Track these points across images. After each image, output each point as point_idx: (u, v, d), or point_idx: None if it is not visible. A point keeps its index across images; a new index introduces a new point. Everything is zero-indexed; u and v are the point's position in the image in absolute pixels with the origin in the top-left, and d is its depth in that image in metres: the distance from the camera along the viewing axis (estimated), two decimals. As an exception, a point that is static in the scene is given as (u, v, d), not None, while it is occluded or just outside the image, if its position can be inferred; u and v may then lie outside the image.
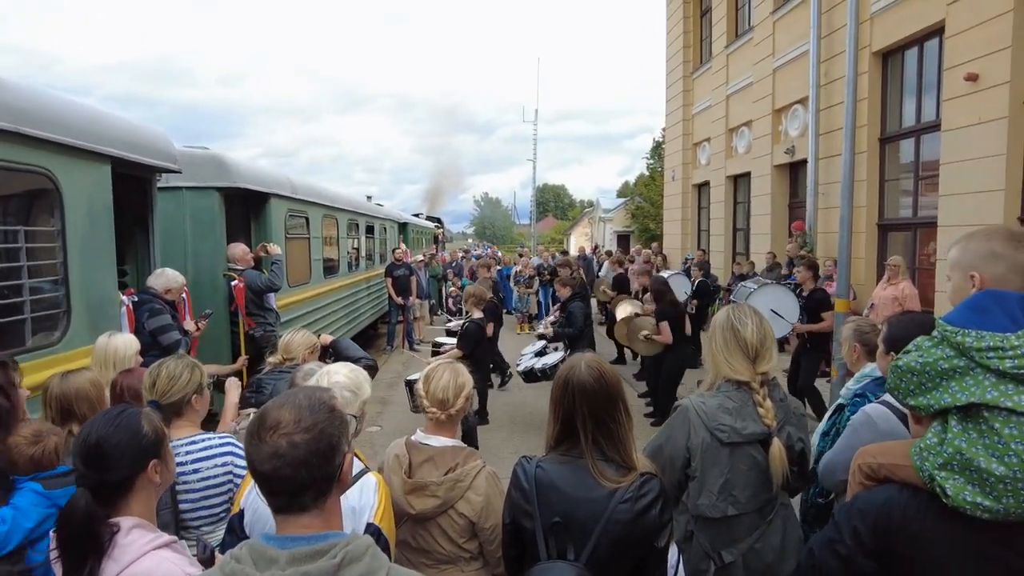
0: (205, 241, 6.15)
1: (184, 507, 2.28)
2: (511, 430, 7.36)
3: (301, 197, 8.04)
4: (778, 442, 2.20)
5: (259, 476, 1.20)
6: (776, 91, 12.23)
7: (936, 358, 1.53)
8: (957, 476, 1.46)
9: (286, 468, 1.17)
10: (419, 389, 2.28)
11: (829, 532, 1.68)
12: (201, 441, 2.37)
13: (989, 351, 1.45)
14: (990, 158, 7.03)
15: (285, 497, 1.20)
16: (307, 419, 1.22)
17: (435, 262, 16.83)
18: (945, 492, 1.48)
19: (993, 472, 1.41)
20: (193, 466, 2.30)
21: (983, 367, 1.46)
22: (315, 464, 1.20)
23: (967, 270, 1.64)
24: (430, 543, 2.18)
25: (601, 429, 1.84)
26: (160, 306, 4.49)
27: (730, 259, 14.82)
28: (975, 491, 1.43)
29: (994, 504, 1.42)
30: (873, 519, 1.59)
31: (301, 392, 1.31)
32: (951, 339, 1.51)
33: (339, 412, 1.30)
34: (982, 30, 7.12)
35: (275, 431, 1.20)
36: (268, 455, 1.18)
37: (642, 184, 31.93)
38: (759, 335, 2.27)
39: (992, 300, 1.52)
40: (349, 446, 1.31)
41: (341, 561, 1.15)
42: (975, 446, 1.45)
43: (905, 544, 1.55)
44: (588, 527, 1.76)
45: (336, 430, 1.25)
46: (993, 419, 1.44)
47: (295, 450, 1.18)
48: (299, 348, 3.39)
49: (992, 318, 1.48)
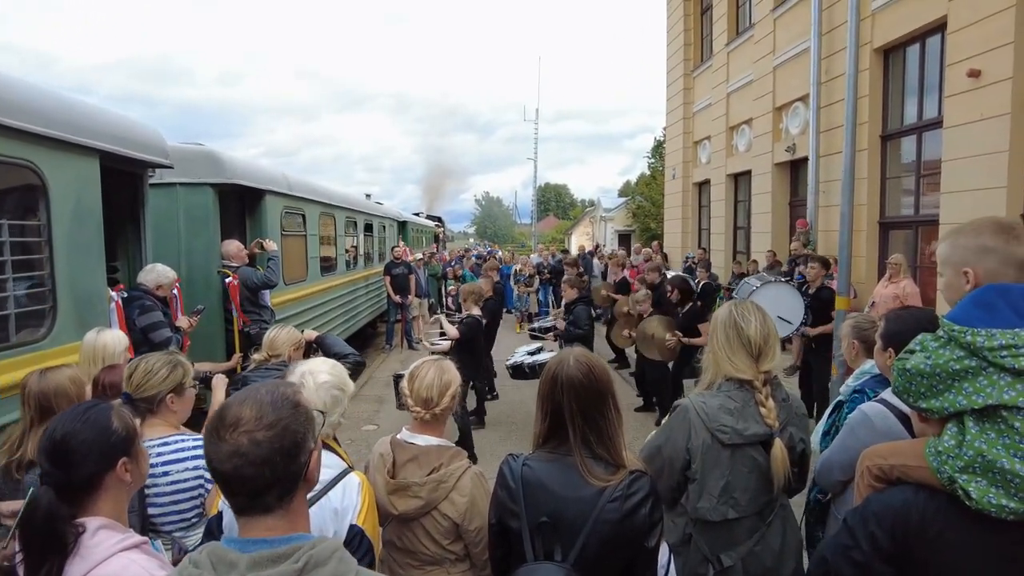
0: (199, 238, 6.10)
1: (153, 511, 2.20)
2: (508, 430, 7.30)
3: (297, 194, 7.99)
4: (780, 443, 2.13)
5: (219, 476, 1.14)
6: (777, 89, 12.16)
7: (946, 359, 1.47)
8: (980, 478, 1.42)
9: (248, 467, 1.11)
10: (403, 388, 2.22)
11: (842, 539, 1.61)
12: (174, 443, 2.29)
13: (1002, 350, 1.39)
14: (992, 155, 6.95)
15: (246, 498, 1.14)
16: (269, 415, 1.16)
17: (434, 261, 16.78)
18: (969, 495, 1.43)
19: (1018, 473, 1.37)
20: (163, 468, 2.22)
21: (997, 366, 1.40)
22: (278, 463, 1.13)
23: (959, 266, 1.60)
24: (415, 544, 2.13)
25: (590, 426, 1.78)
26: (151, 303, 4.43)
27: (730, 258, 14.75)
28: (999, 493, 1.39)
29: (1020, 505, 1.38)
30: (891, 523, 1.54)
31: (264, 387, 1.24)
32: (960, 339, 1.45)
33: (304, 407, 1.23)
34: (984, 26, 7.05)
35: (235, 428, 1.14)
36: (228, 454, 1.12)
37: (643, 183, 31.86)
38: (763, 332, 2.20)
39: (997, 295, 1.47)
40: (316, 443, 1.24)
41: (304, 565, 1.09)
42: (995, 447, 1.40)
43: (923, 548, 1.50)
44: (576, 527, 1.70)
45: (301, 426, 1.19)
46: (1012, 418, 1.39)
47: (257, 448, 1.12)
48: (284, 345, 3.34)
49: (999, 314, 1.44)
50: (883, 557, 1.53)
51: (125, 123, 4.51)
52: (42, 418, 2.44)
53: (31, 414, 2.45)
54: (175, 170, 5.53)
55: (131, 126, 4.57)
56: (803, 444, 2.25)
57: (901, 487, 1.61)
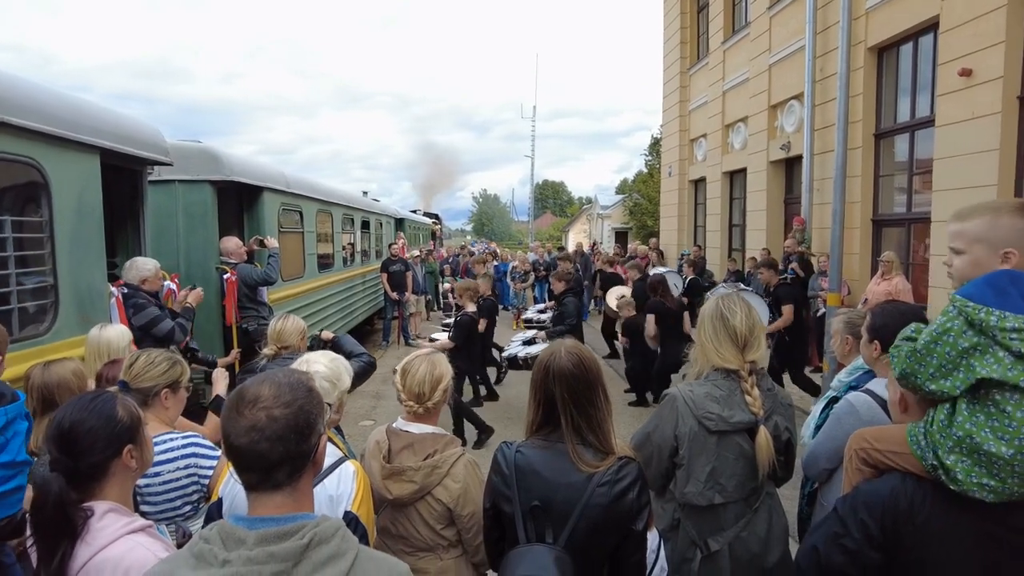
0: (197, 234, 6.15)
1: (146, 510, 2.20)
2: (505, 423, 7.36)
3: (295, 191, 8.04)
4: (765, 431, 2.20)
5: (234, 450, 1.20)
6: (772, 87, 12.22)
7: (956, 332, 1.49)
8: (965, 459, 1.48)
9: (264, 442, 1.18)
10: (396, 382, 2.28)
11: (832, 527, 1.65)
12: (162, 442, 2.28)
13: (1013, 332, 1.43)
14: (983, 153, 7.03)
15: (259, 473, 1.20)
16: (286, 395, 1.22)
17: (431, 258, 16.83)
18: (955, 477, 1.48)
19: (1002, 455, 1.42)
20: (154, 469, 2.20)
21: (1004, 347, 1.44)
22: (292, 440, 1.20)
23: (1001, 246, 1.58)
24: (408, 530, 2.19)
25: (580, 414, 1.85)
26: (143, 300, 4.41)
27: (726, 255, 14.82)
28: (982, 472, 1.45)
29: (999, 484, 1.44)
30: (881, 511, 1.59)
31: (280, 372, 1.32)
32: (973, 316, 1.47)
33: (317, 393, 1.30)
34: (975, 25, 7.12)
35: (255, 405, 1.20)
36: (246, 428, 1.18)
37: (640, 181, 31.92)
38: (748, 324, 2.28)
39: (1010, 281, 1.50)
40: (324, 428, 1.31)
41: (309, 542, 1.15)
42: (983, 429, 1.46)
43: (912, 535, 1.55)
44: (566, 511, 1.77)
45: (315, 409, 1.26)
46: (1005, 402, 1.44)
47: (274, 424, 1.19)
48: (293, 335, 3.37)
49: (1010, 299, 1.47)
50: (874, 545, 1.57)
51: (125, 121, 4.56)
52: (44, 410, 2.50)
53: (34, 405, 2.51)
54: (174, 167, 5.58)
55: (131, 124, 4.62)
56: (788, 433, 2.32)
57: (889, 476, 1.66)
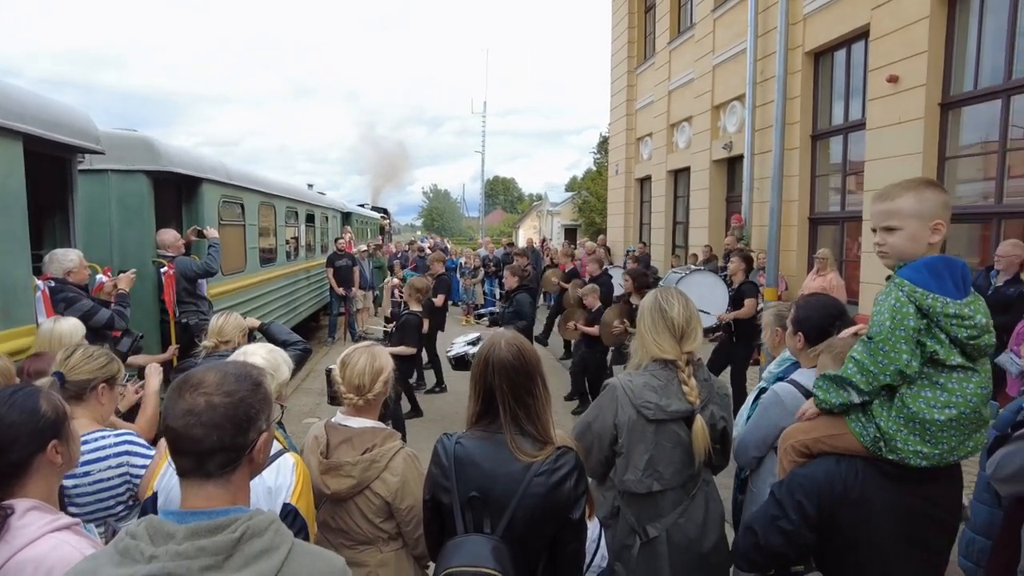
0: (132, 227, 5.91)
1: (73, 511, 2.10)
2: (452, 420, 7.36)
3: (236, 183, 7.81)
4: (701, 419, 2.27)
5: (170, 432, 1.18)
6: (716, 87, 12.56)
7: (912, 317, 1.61)
8: (903, 428, 1.61)
9: (198, 427, 1.16)
10: (335, 375, 2.25)
11: (770, 510, 1.72)
12: (93, 440, 2.19)
13: (953, 318, 1.58)
14: (908, 156, 7.42)
15: (191, 459, 1.18)
16: (230, 384, 1.21)
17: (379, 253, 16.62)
18: (895, 446, 1.61)
19: (935, 421, 1.57)
20: (84, 468, 2.12)
21: (944, 330, 1.59)
22: (228, 429, 1.18)
23: (930, 219, 1.69)
24: (348, 523, 2.17)
25: (519, 404, 1.87)
26: (73, 293, 4.20)
27: (670, 252, 15.17)
28: (916, 440, 1.59)
29: (932, 450, 1.58)
30: (817, 492, 1.68)
31: (232, 362, 1.31)
32: (922, 301, 1.61)
33: (265, 390, 1.29)
34: (902, 34, 7.50)
35: (196, 389, 1.19)
36: (183, 411, 1.17)
37: (589, 179, 32.32)
38: (685, 315, 2.35)
39: (945, 266, 1.64)
40: (268, 427, 1.29)
41: (241, 535, 1.13)
42: (918, 400, 1.60)
43: (845, 512, 1.66)
44: (504, 501, 1.79)
45: (258, 404, 1.24)
46: (937, 375, 1.60)
47: (211, 411, 1.17)
48: (233, 331, 3.30)
49: (944, 284, 1.61)
50: (809, 525, 1.67)
51: (52, 106, 4.33)
52: None
53: None
54: (108, 157, 5.34)
55: (58, 109, 4.39)
56: (724, 422, 2.40)
57: (822, 459, 1.75)
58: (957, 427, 1.58)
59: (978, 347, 1.60)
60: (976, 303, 1.63)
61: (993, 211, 6.74)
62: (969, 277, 1.67)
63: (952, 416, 1.57)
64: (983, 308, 1.64)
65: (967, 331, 1.57)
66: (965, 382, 1.59)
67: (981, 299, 1.66)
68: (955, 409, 1.57)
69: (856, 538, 1.66)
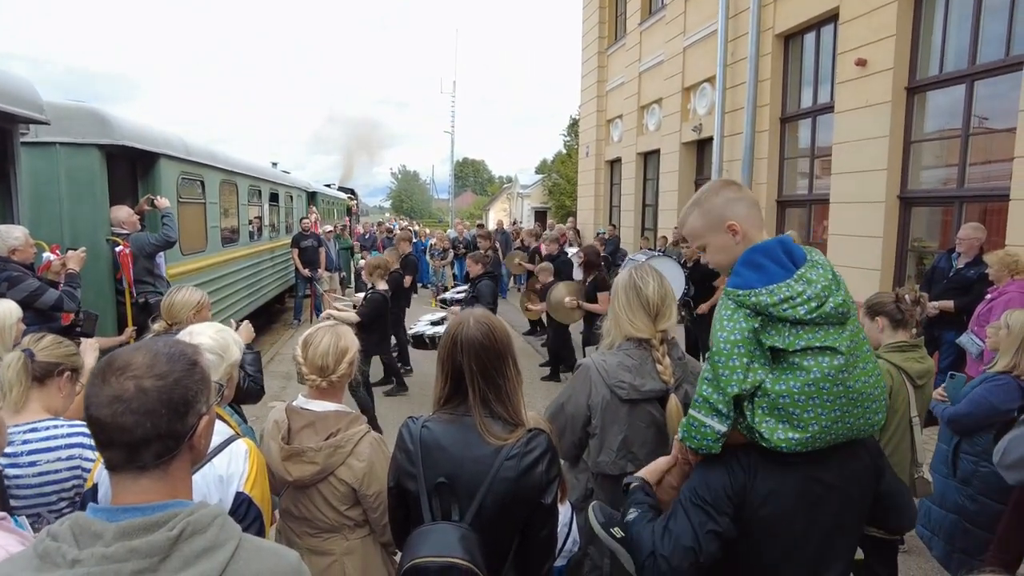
0: (83, 203, 5.63)
1: (15, 505, 1.98)
2: (420, 401, 7.28)
3: (196, 159, 7.53)
4: (675, 399, 2.22)
5: (95, 423, 1.04)
6: (686, 69, 12.53)
7: (744, 319, 1.54)
8: (769, 418, 1.53)
9: (128, 415, 1.02)
10: (297, 355, 2.14)
11: (698, 517, 1.57)
12: (44, 429, 2.07)
13: (783, 303, 1.50)
14: (875, 139, 7.49)
15: (121, 451, 1.05)
16: (162, 365, 1.07)
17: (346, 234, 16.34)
18: (763, 436, 1.53)
19: (791, 391, 1.49)
20: (29, 458, 2.00)
21: (780, 319, 1.51)
22: (163, 415, 1.05)
23: (722, 223, 1.66)
24: (312, 511, 2.08)
25: (489, 385, 1.78)
26: (17, 272, 3.97)
27: (639, 234, 15.21)
28: (786, 427, 1.51)
29: (801, 434, 1.50)
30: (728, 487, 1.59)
31: (162, 340, 1.16)
32: (746, 300, 1.54)
33: (202, 369, 1.15)
34: (870, 18, 7.53)
35: (123, 373, 1.04)
36: (109, 398, 1.03)
37: (559, 161, 32.19)
38: (660, 293, 2.30)
39: (760, 254, 1.58)
40: (208, 409, 1.16)
41: (180, 534, 1.01)
42: (777, 383, 1.51)
43: (752, 499, 1.58)
44: (473, 486, 1.71)
45: (195, 385, 1.11)
46: (790, 356, 1.52)
47: (142, 396, 1.03)
48: (183, 310, 3.13)
49: (767, 271, 1.54)
50: (733, 519, 1.58)
51: (-10, 72, 4.07)
52: None
53: None
54: (56, 129, 5.07)
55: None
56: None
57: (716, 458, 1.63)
58: (821, 404, 1.49)
59: (827, 315, 1.51)
60: (810, 271, 1.54)
61: (955, 195, 6.85)
62: (793, 248, 1.59)
63: (811, 393, 1.48)
64: (820, 273, 1.55)
65: (804, 307, 1.49)
66: (820, 356, 1.50)
67: (819, 264, 1.57)
68: (813, 386, 1.48)
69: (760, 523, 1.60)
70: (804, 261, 1.58)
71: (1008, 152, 6.08)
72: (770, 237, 1.66)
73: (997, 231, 6.11)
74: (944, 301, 5.52)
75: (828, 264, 1.61)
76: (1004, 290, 4.95)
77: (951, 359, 5.54)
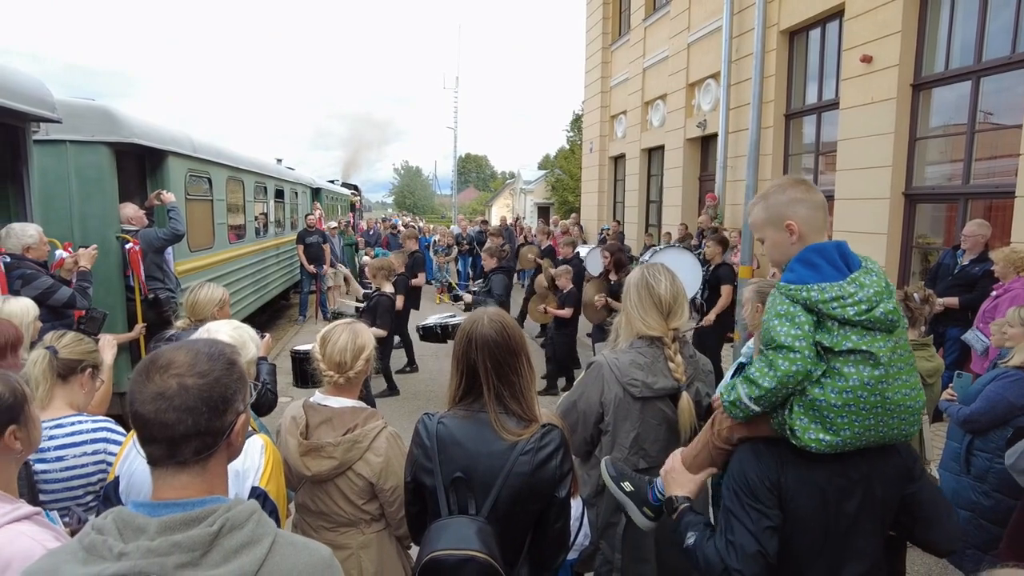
0: (93, 201, 5.65)
1: (44, 499, 2.03)
2: (427, 398, 7.32)
3: (203, 156, 7.55)
4: (687, 397, 2.26)
5: (138, 419, 1.08)
6: (691, 65, 12.52)
7: (805, 320, 1.57)
8: (803, 417, 1.57)
9: (171, 412, 1.06)
10: (315, 352, 2.17)
11: (751, 520, 1.59)
12: (69, 424, 2.12)
13: (833, 302, 1.54)
14: (880, 136, 7.49)
15: (163, 446, 1.09)
16: (203, 364, 1.11)
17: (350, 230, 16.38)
18: (794, 433, 1.57)
19: (831, 402, 1.52)
20: (56, 453, 2.05)
21: (829, 316, 1.55)
22: (203, 413, 1.09)
23: (780, 222, 1.71)
24: (329, 506, 2.12)
25: (503, 382, 1.82)
26: (32, 270, 4.01)
27: (643, 230, 15.22)
28: (818, 428, 1.55)
29: (833, 437, 1.54)
30: (764, 480, 1.62)
31: (202, 340, 1.20)
32: (797, 296, 1.58)
33: (240, 368, 1.19)
34: (876, 14, 7.52)
35: (166, 371, 1.09)
36: (153, 395, 1.07)
37: (562, 157, 32.17)
38: (672, 291, 2.33)
39: (815, 253, 1.62)
40: (245, 408, 1.20)
41: (220, 529, 1.05)
42: (816, 387, 1.55)
43: (782, 494, 1.62)
44: (489, 481, 1.75)
45: (234, 384, 1.15)
46: (833, 360, 1.55)
47: (184, 393, 1.07)
48: (207, 307, 3.17)
49: (822, 270, 1.59)
50: (777, 508, 1.62)
51: (2, 72, 4.10)
52: None
53: None
54: (65, 127, 5.09)
55: (10, 76, 4.16)
56: (709, 399, 2.38)
57: (743, 448, 1.70)
58: (856, 412, 1.52)
59: (875, 319, 1.54)
60: (864, 276, 1.58)
61: (960, 192, 6.85)
62: (849, 254, 1.64)
63: (848, 400, 1.52)
64: (874, 280, 1.58)
65: (853, 308, 1.53)
66: (861, 365, 1.53)
67: (873, 272, 1.61)
68: (851, 393, 1.51)
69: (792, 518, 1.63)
70: (859, 267, 1.62)
71: (1014, 149, 6.09)
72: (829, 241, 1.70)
73: (1002, 228, 6.12)
74: (948, 298, 5.54)
75: (882, 273, 1.64)
76: (1010, 287, 4.97)
77: (954, 356, 5.56)
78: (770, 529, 1.59)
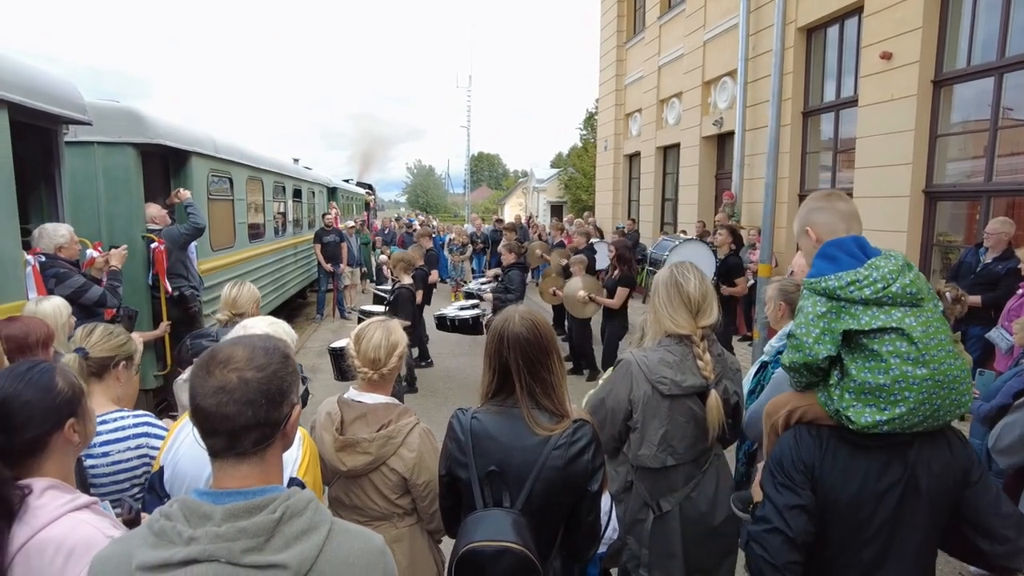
0: (120, 201, 5.77)
1: (93, 493, 2.06)
2: (445, 395, 7.38)
3: (224, 157, 7.66)
4: (715, 394, 2.29)
5: (199, 412, 1.13)
6: (706, 63, 12.47)
7: (812, 304, 1.69)
8: (856, 403, 1.62)
9: (231, 405, 1.11)
10: (349, 348, 2.22)
11: (779, 497, 1.66)
12: (112, 420, 2.16)
13: (850, 286, 1.62)
14: (900, 133, 7.44)
15: (225, 438, 1.14)
16: (260, 358, 1.17)
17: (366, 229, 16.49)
18: (850, 419, 1.62)
19: (881, 385, 1.58)
20: (102, 448, 2.09)
21: (849, 301, 1.63)
22: (262, 405, 1.14)
23: (803, 228, 1.88)
24: (363, 500, 2.17)
25: (535, 379, 1.86)
26: (64, 269, 4.11)
27: (658, 229, 15.17)
28: (872, 411, 1.60)
29: (889, 415, 1.58)
30: (794, 460, 1.69)
31: (257, 335, 1.26)
32: (817, 287, 1.67)
33: (293, 362, 1.24)
34: (896, 11, 7.46)
35: (226, 365, 1.14)
36: (214, 389, 1.12)
37: (575, 155, 32.13)
38: (701, 290, 2.36)
39: (834, 247, 1.73)
40: (298, 400, 1.25)
41: (281, 516, 1.10)
42: (863, 371, 1.61)
43: (823, 479, 1.66)
44: (523, 474, 1.79)
45: (289, 377, 1.20)
46: (870, 343, 1.61)
47: (244, 387, 1.12)
48: (247, 302, 3.25)
49: (840, 262, 1.68)
50: (810, 491, 1.66)
51: (37, 75, 4.19)
52: None
53: None
54: (92, 129, 5.20)
55: (44, 78, 4.25)
56: (736, 396, 2.42)
57: (787, 433, 1.79)
58: (907, 387, 1.56)
59: (895, 295, 1.60)
60: (881, 260, 1.66)
61: (983, 189, 6.79)
62: (865, 243, 1.74)
63: (896, 377, 1.57)
64: (892, 262, 1.65)
65: (870, 288, 1.60)
66: (898, 342, 1.58)
67: (892, 256, 1.68)
68: (896, 371, 1.57)
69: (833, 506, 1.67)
70: (878, 254, 1.70)
71: (1037, 146, 6.03)
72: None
73: (1026, 226, 6.07)
74: (972, 296, 5.50)
75: (903, 257, 1.71)
76: (1035, 285, 4.93)
77: (977, 354, 5.52)
78: (798, 508, 1.65)
